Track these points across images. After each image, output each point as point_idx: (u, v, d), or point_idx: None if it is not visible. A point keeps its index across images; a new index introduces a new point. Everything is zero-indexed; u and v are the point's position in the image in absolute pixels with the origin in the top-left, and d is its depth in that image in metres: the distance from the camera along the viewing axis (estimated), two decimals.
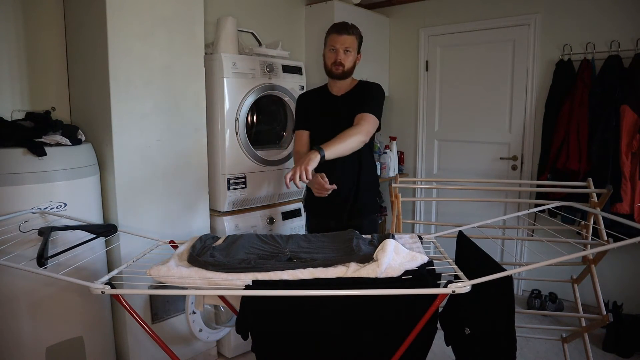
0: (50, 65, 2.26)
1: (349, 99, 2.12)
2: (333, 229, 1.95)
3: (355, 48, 2.08)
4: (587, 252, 1.55)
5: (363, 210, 2.16)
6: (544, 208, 2.05)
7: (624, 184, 2.71)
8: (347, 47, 2.04)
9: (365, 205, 2.17)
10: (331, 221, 2.13)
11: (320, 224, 2.18)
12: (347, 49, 2.04)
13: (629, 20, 2.81)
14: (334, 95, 2.15)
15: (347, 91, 2.14)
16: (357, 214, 2.14)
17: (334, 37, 2.05)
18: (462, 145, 3.64)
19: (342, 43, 2.03)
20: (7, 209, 1.76)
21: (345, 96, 2.13)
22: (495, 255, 1.52)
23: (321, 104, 2.17)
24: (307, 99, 2.23)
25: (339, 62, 2.04)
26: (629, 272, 2.95)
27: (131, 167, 2.11)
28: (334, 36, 2.05)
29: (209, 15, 2.56)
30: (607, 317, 1.85)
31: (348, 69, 2.07)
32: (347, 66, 2.06)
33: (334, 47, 2.04)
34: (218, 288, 1.36)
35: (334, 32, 2.06)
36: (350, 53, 2.05)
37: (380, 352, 1.37)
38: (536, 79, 3.21)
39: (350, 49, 2.05)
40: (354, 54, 2.08)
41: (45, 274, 1.37)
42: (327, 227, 2.09)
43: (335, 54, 2.04)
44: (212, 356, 2.56)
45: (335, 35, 2.04)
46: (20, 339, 1.84)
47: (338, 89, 2.14)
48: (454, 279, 1.31)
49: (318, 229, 2.12)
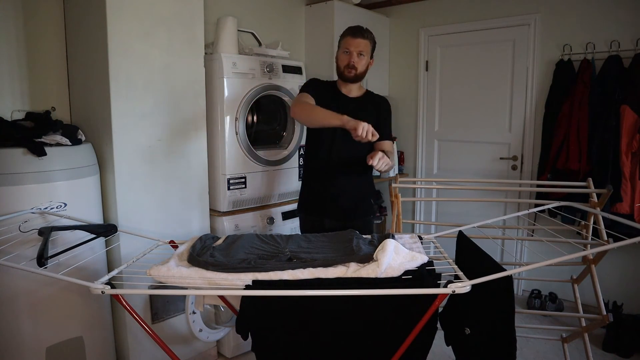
0: (50, 65, 2.25)
1: (361, 103, 2.12)
2: (327, 229, 1.96)
3: (369, 52, 2.08)
4: (587, 252, 1.55)
5: (357, 211, 2.17)
6: (544, 208, 2.05)
7: (624, 184, 2.71)
8: (361, 51, 2.03)
9: (361, 207, 2.18)
10: (325, 219, 2.14)
11: (313, 222, 2.18)
12: (361, 52, 2.04)
13: (629, 20, 2.81)
14: (344, 94, 2.14)
15: (358, 96, 2.15)
16: (352, 214, 2.15)
17: (349, 39, 2.04)
18: (462, 145, 3.64)
19: (357, 46, 2.02)
20: (7, 209, 1.76)
21: (357, 100, 2.13)
22: (495, 255, 1.52)
23: (331, 98, 2.11)
24: (321, 86, 2.15)
25: (352, 64, 2.03)
26: (629, 272, 2.95)
27: (131, 167, 2.11)
28: (348, 39, 2.04)
29: (209, 15, 2.56)
30: (607, 317, 1.85)
31: (360, 73, 2.07)
32: (360, 70, 2.06)
33: (348, 49, 2.04)
34: (218, 288, 1.36)
35: (348, 35, 2.05)
36: (363, 57, 2.05)
37: (380, 352, 1.37)
38: (536, 79, 3.21)
39: (364, 53, 2.04)
40: (367, 58, 2.08)
41: (45, 274, 1.37)
42: (320, 225, 2.11)
43: (349, 56, 2.04)
44: (212, 356, 2.56)
45: (350, 38, 2.04)
46: (20, 339, 1.84)
47: (348, 90, 2.14)
48: (454, 279, 1.31)
49: (311, 228, 2.13)
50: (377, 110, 2.12)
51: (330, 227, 2.04)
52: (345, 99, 2.12)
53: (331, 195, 2.13)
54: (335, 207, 2.14)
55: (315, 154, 2.16)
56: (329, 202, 2.14)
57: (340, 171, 2.11)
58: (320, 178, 2.16)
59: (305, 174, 2.29)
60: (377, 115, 2.10)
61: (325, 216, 2.15)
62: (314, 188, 2.21)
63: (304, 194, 2.29)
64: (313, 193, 2.22)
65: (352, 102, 2.11)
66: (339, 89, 2.15)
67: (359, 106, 2.09)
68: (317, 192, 2.19)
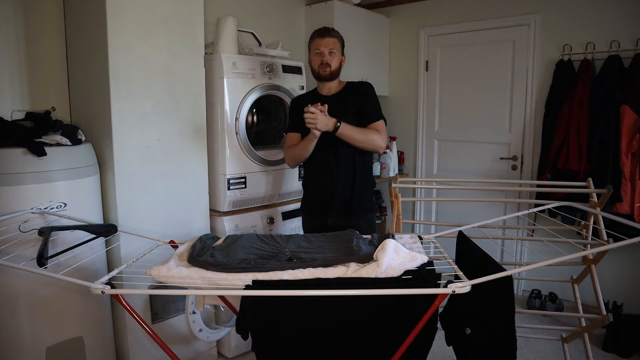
0: (50, 65, 2.25)
1: (340, 97, 2.17)
2: (330, 228, 1.96)
3: (339, 49, 2.15)
4: (587, 252, 1.55)
5: (359, 209, 2.17)
6: (544, 208, 2.05)
7: (624, 184, 2.71)
8: (331, 49, 2.11)
9: (362, 204, 2.18)
10: (328, 219, 2.15)
11: (316, 223, 2.19)
12: (332, 50, 2.11)
13: (629, 20, 2.81)
14: (323, 95, 2.19)
15: (337, 91, 2.19)
16: (354, 213, 2.16)
17: (318, 41, 2.13)
18: (462, 145, 3.64)
19: (326, 45, 2.11)
20: (7, 209, 1.76)
21: (336, 95, 2.18)
22: (495, 255, 1.52)
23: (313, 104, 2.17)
24: (299, 102, 2.24)
25: (325, 62, 2.10)
26: (629, 272, 2.95)
27: (131, 167, 2.11)
28: (317, 40, 2.13)
29: (209, 15, 2.56)
30: (607, 317, 1.85)
31: (335, 70, 2.13)
32: (334, 67, 2.12)
33: (319, 50, 2.12)
34: (218, 288, 1.36)
35: (316, 37, 2.14)
36: (335, 54, 2.12)
37: (380, 352, 1.37)
38: (536, 79, 3.21)
39: (334, 51, 2.12)
40: (339, 55, 2.15)
41: (45, 274, 1.37)
42: (324, 225, 2.11)
43: (321, 56, 2.11)
44: (212, 356, 2.56)
45: (319, 39, 2.13)
46: (20, 339, 1.84)
47: (328, 89, 2.19)
48: (454, 279, 1.31)
49: (314, 229, 2.14)
50: (357, 98, 2.16)
51: (333, 226, 2.05)
52: (321, 98, 2.16)
53: (331, 194, 2.14)
54: (336, 206, 2.14)
55: (313, 155, 2.16)
56: (329, 202, 2.15)
57: (338, 169, 2.13)
58: (319, 178, 2.18)
59: (305, 175, 2.31)
60: (358, 102, 2.14)
61: (329, 216, 2.16)
62: (313, 189, 2.24)
63: (304, 195, 2.32)
64: (313, 193, 2.25)
65: (332, 99, 2.14)
66: (319, 92, 2.22)
67: (338, 101, 2.14)
68: (317, 192, 2.22)
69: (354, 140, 2.03)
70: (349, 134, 2.00)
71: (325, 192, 2.16)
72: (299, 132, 2.18)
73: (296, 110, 2.21)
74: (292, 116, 2.27)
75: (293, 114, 2.26)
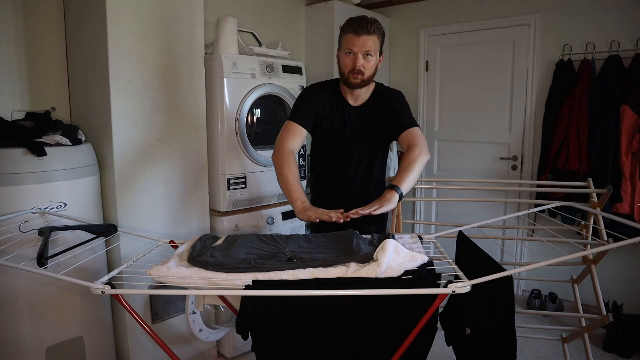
0: (50, 65, 2.25)
1: (370, 110, 1.84)
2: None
3: (377, 50, 1.71)
4: (587, 252, 1.54)
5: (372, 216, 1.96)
6: (544, 208, 2.05)
7: (624, 184, 2.71)
8: (368, 51, 1.67)
9: None
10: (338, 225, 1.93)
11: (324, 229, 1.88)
12: (368, 52, 1.67)
13: (629, 20, 2.81)
14: (351, 105, 1.86)
15: (367, 100, 1.85)
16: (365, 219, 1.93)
17: (351, 38, 1.67)
18: (462, 145, 3.64)
19: (362, 46, 1.66)
20: (7, 209, 1.76)
21: (365, 107, 1.85)
22: (495, 255, 1.52)
23: (338, 113, 1.86)
24: (315, 95, 1.86)
25: (357, 69, 1.68)
26: (629, 272, 2.95)
27: (131, 167, 2.11)
28: (350, 37, 1.68)
29: (209, 15, 2.57)
30: (607, 317, 1.85)
31: (368, 77, 1.72)
32: (368, 74, 1.71)
33: (351, 50, 1.68)
34: (218, 288, 1.35)
35: (350, 32, 1.68)
36: (371, 57, 1.69)
37: (380, 352, 1.37)
38: (536, 79, 3.21)
39: (371, 53, 1.68)
40: (376, 58, 1.72)
41: (45, 274, 1.37)
42: (332, 230, 1.94)
43: (354, 59, 1.68)
44: (212, 356, 2.56)
45: (353, 36, 1.67)
46: (20, 339, 1.84)
47: (355, 99, 1.84)
48: (454, 279, 1.31)
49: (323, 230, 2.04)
50: (384, 109, 1.84)
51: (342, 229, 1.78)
52: (348, 110, 1.84)
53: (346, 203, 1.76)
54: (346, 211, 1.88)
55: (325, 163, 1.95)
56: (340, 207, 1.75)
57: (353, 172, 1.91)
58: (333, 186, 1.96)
59: (315, 181, 2.05)
60: (383, 114, 1.83)
61: None
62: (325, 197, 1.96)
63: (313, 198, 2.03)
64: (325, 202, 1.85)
65: (355, 112, 1.83)
66: (343, 95, 1.85)
67: (361, 116, 1.85)
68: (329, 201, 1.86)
69: (416, 180, 1.67)
70: (410, 185, 1.63)
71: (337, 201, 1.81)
72: (304, 127, 1.81)
73: (309, 103, 1.84)
74: (301, 107, 1.84)
75: (302, 105, 1.84)
